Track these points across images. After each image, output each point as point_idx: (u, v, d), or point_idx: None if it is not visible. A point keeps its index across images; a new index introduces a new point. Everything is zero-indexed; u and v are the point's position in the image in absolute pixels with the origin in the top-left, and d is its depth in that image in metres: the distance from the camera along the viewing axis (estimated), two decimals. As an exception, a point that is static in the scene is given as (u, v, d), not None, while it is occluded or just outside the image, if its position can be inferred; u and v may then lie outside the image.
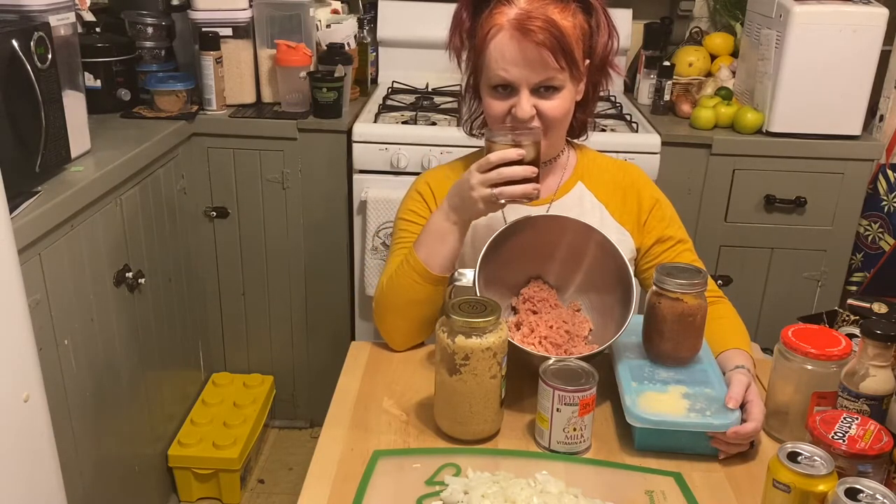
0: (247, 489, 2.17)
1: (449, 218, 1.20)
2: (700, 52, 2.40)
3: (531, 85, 1.18)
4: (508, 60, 1.17)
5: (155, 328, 1.92)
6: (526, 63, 1.17)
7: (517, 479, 0.94)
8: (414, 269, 1.21)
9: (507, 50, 1.17)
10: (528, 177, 1.13)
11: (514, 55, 1.17)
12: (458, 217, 1.20)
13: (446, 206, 1.21)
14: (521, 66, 1.17)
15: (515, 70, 1.17)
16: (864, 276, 2.19)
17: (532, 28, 1.15)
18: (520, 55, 1.16)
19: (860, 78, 2.02)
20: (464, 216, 1.20)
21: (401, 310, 1.25)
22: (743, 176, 2.12)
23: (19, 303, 1.09)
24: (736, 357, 1.13)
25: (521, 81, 1.18)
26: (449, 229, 1.20)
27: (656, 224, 1.32)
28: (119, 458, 1.76)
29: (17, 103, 1.40)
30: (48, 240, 1.42)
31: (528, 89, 1.18)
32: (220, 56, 2.09)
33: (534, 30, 1.14)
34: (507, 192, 1.13)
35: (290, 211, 2.17)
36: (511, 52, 1.17)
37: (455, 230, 1.20)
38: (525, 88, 1.18)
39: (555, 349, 1.15)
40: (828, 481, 0.82)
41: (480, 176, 1.15)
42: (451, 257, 1.21)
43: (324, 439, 1.06)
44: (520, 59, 1.17)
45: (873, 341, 0.95)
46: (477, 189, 1.15)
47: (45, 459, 1.17)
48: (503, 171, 1.13)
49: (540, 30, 1.15)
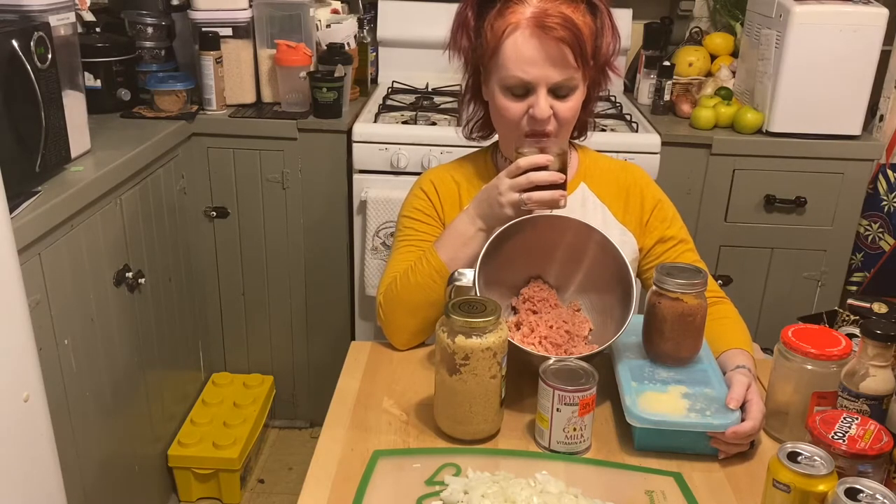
0: (247, 489, 2.17)
1: (475, 223, 1.20)
2: (700, 52, 2.40)
3: (550, 85, 1.18)
4: (527, 60, 1.16)
5: (155, 328, 1.92)
6: (547, 61, 1.16)
7: (517, 479, 0.94)
8: (436, 269, 1.21)
9: (526, 49, 1.16)
10: (555, 182, 1.14)
11: (533, 54, 1.16)
12: (484, 223, 1.20)
13: (472, 211, 1.21)
14: (541, 65, 1.16)
15: (534, 70, 1.16)
16: (864, 276, 2.19)
17: (552, 24, 1.14)
18: (540, 53, 1.15)
19: (860, 78, 2.02)
20: (490, 222, 1.19)
21: (414, 309, 1.24)
22: (743, 176, 2.12)
23: (19, 303, 1.09)
24: (737, 357, 1.13)
25: (539, 81, 1.17)
26: (473, 234, 1.20)
27: (658, 224, 1.32)
28: (119, 458, 1.76)
29: (17, 103, 1.40)
30: (48, 240, 1.42)
31: (545, 89, 1.18)
32: (220, 56, 2.09)
33: (554, 26, 1.14)
34: (536, 197, 1.14)
35: (290, 211, 2.17)
36: (530, 51, 1.16)
37: (480, 236, 1.20)
38: (543, 88, 1.17)
39: (555, 349, 1.15)
40: (828, 481, 0.82)
41: (509, 181, 1.15)
42: (472, 261, 1.20)
43: (324, 439, 1.06)
44: (539, 58, 1.16)
45: (873, 341, 0.95)
46: (506, 194, 1.15)
47: (45, 459, 1.17)
48: (532, 175, 1.14)
49: (560, 26, 1.14)
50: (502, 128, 1.27)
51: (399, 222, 1.36)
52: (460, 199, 1.33)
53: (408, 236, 1.32)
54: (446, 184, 1.34)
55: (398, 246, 1.32)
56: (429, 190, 1.34)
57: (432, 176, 1.36)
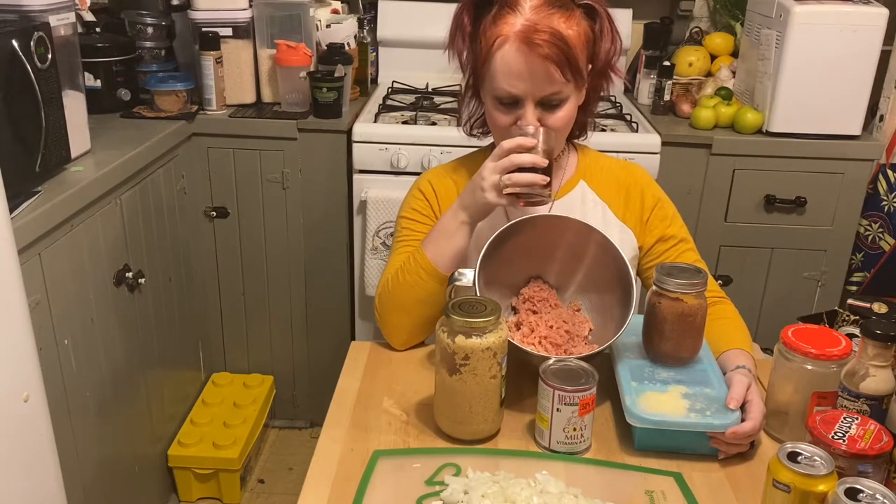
0: (247, 489, 2.17)
1: (457, 217, 1.21)
2: (700, 52, 2.40)
3: (536, 98, 1.18)
4: (514, 74, 1.16)
5: (155, 328, 1.92)
6: (532, 77, 1.16)
7: (517, 479, 0.94)
8: (422, 266, 1.22)
9: (513, 63, 1.16)
10: (536, 165, 1.14)
11: (520, 69, 1.15)
12: (467, 215, 1.20)
13: (457, 204, 1.22)
14: (527, 80, 1.16)
15: (521, 84, 1.16)
16: (864, 276, 2.19)
17: (538, 42, 1.13)
18: (526, 69, 1.15)
19: (860, 78, 2.02)
20: (472, 211, 1.20)
21: (407, 308, 1.25)
22: (743, 176, 2.12)
23: (19, 303, 1.09)
24: (737, 357, 1.13)
25: (526, 95, 1.17)
26: (457, 228, 1.21)
27: (658, 223, 1.32)
28: (119, 458, 1.76)
29: (17, 103, 1.40)
30: (48, 240, 1.42)
31: (532, 102, 1.18)
32: (220, 56, 2.09)
33: (540, 43, 1.13)
34: (516, 177, 1.14)
35: (290, 211, 2.17)
36: (517, 66, 1.15)
37: (463, 229, 1.21)
38: (530, 102, 1.18)
39: (555, 349, 1.15)
40: (828, 481, 0.82)
41: (492, 164, 1.16)
42: (458, 256, 1.21)
43: (324, 439, 1.06)
44: (525, 74, 1.15)
45: (873, 341, 0.95)
46: (487, 177, 1.16)
47: (45, 459, 1.17)
48: (514, 156, 1.14)
49: (546, 43, 1.13)
50: (495, 133, 1.29)
51: (397, 223, 1.36)
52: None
53: (405, 237, 1.32)
54: (445, 184, 1.34)
55: (396, 247, 1.33)
56: (427, 191, 1.34)
57: (430, 176, 1.37)
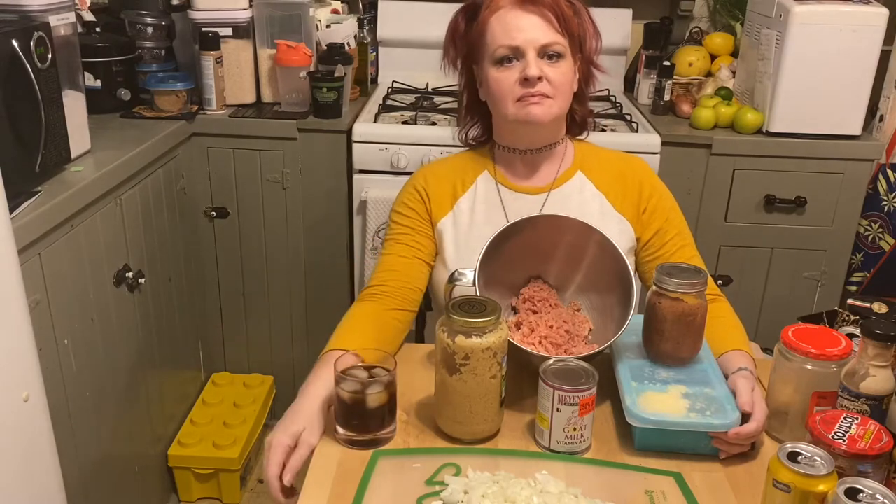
0: (247, 489, 2.17)
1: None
2: (700, 52, 2.40)
3: (537, 48, 1.23)
4: (513, 28, 1.23)
5: (155, 328, 1.92)
6: (532, 26, 1.23)
7: (517, 479, 0.94)
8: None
9: (511, 20, 1.23)
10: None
11: (518, 23, 1.23)
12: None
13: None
14: (527, 30, 1.23)
15: (521, 35, 1.23)
16: (864, 276, 2.19)
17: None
18: (524, 21, 1.23)
19: (860, 78, 2.02)
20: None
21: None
22: (743, 176, 2.12)
23: (19, 303, 1.09)
24: (738, 359, 1.13)
25: (527, 45, 1.22)
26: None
27: (656, 216, 1.32)
28: (119, 458, 1.76)
29: (17, 103, 1.40)
30: (48, 240, 1.42)
31: (534, 52, 1.23)
32: (220, 56, 2.09)
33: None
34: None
35: (290, 211, 2.17)
36: (515, 21, 1.23)
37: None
38: (532, 51, 1.23)
39: (555, 349, 1.15)
40: (828, 481, 0.82)
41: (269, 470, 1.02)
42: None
43: (324, 439, 1.06)
44: (525, 25, 1.23)
45: (873, 341, 0.95)
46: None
47: (45, 459, 1.17)
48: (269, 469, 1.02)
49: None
50: (498, 107, 1.28)
51: (390, 216, 1.38)
52: (454, 191, 1.35)
53: (395, 232, 1.35)
54: (440, 181, 1.35)
55: (386, 241, 1.36)
56: (420, 187, 1.35)
57: (427, 172, 1.38)
